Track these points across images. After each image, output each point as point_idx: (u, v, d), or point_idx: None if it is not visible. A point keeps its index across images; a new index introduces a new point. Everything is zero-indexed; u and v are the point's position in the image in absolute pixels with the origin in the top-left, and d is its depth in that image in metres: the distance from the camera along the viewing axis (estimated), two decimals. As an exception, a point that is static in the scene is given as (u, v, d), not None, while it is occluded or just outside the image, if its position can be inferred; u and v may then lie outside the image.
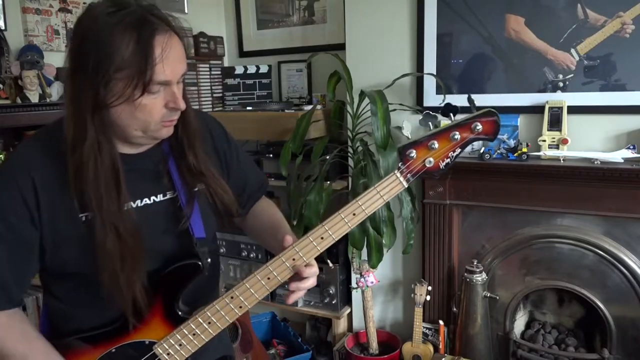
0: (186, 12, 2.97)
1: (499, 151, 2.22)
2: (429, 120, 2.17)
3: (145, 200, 1.02)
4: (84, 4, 2.48)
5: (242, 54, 3.20)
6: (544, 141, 2.14)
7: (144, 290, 0.98)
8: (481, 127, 0.97)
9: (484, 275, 2.24)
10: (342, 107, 2.60)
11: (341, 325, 2.74)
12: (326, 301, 2.68)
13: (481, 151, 2.22)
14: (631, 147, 2.02)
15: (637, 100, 2.03)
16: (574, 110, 2.13)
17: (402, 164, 0.98)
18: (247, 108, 2.80)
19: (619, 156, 2.00)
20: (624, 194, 2.01)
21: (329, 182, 2.43)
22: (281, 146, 2.40)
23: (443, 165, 0.99)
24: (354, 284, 2.63)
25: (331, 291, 2.66)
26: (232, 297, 1.02)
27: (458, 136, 0.98)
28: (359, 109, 2.38)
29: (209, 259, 1.04)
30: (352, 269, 2.59)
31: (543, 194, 2.15)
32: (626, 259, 2.09)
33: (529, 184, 2.17)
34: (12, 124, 2.02)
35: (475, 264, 2.27)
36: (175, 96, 0.93)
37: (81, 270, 0.97)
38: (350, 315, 2.79)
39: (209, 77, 3.10)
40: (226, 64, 3.23)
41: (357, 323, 2.76)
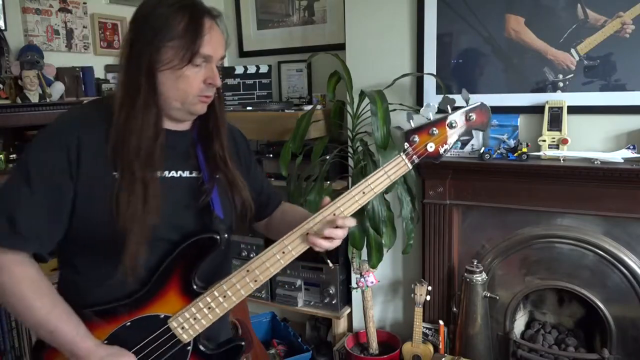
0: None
1: (499, 151, 2.22)
2: (430, 111, 2.18)
3: (173, 172, 1.09)
4: (84, 4, 2.48)
5: (242, 54, 3.20)
6: (544, 141, 2.14)
7: (161, 262, 1.04)
8: (475, 117, 1.11)
9: (484, 275, 2.25)
10: (342, 107, 2.60)
11: (341, 325, 2.74)
12: (326, 301, 2.68)
13: (481, 151, 2.22)
14: (631, 147, 2.02)
15: (637, 100, 2.04)
16: (574, 110, 2.13)
17: (407, 146, 1.09)
18: (247, 108, 2.80)
19: (619, 156, 2.00)
20: (624, 194, 2.01)
21: (329, 182, 2.44)
22: (281, 146, 2.40)
23: (442, 150, 1.11)
24: (354, 284, 2.63)
25: (331, 291, 2.66)
26: (248, 271, 1.07)
27: (455, 124, 1.11)
28: (359, 109, 2.39)
29: (226, 234, 1.09)
30: (352, 269, 2.59)
31: (543, 194, 2.16)
32: (626, 259, 2.09)
33: (529, 184, 2.17)
34: (12, 124, 2.02)
35: (475, 264, 2.27)
36: (214, 73, 1.04)
37: (106, 236, 1.00)
38: (350, 315, 2.79)
39: (209, 77, 3.09)
40: (226, 64, 3.22)
41: (357, 323, 2.76)
